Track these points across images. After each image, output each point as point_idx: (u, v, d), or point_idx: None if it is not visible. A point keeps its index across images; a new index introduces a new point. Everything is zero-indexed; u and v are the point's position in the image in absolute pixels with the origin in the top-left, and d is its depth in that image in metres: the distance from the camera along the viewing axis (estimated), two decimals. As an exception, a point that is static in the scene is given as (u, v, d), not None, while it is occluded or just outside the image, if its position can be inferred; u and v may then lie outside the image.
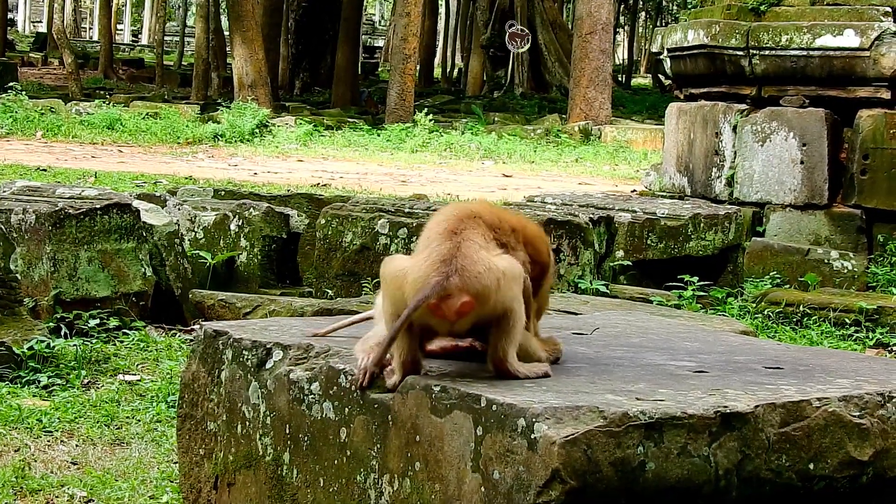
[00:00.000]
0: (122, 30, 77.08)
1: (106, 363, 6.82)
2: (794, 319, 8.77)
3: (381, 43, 66.06)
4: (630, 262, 9.52)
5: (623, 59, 58.29)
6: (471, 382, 3.10)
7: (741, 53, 11.39)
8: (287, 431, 3.46)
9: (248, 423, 3.58)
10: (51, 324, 7.17)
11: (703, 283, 9.09)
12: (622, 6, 53.03)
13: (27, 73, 43.28)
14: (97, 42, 53.78)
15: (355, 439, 3.26)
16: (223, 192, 10.67)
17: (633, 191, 14.36)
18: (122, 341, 7.32)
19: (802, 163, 11.05)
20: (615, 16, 36.17)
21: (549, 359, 3.38)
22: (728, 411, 2.96)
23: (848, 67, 10.93)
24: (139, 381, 6.51)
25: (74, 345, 6.82)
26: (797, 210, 11.10)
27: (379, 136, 25.72)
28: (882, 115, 10.78)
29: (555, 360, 3.41)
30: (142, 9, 78.79)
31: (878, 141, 10.75)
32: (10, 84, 27.29)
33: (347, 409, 3.29)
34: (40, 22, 73.38)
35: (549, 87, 39.66)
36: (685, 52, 12.13)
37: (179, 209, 9.36)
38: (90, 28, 78.26)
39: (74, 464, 5.20)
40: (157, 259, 8.33)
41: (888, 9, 10.93)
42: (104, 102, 27.90)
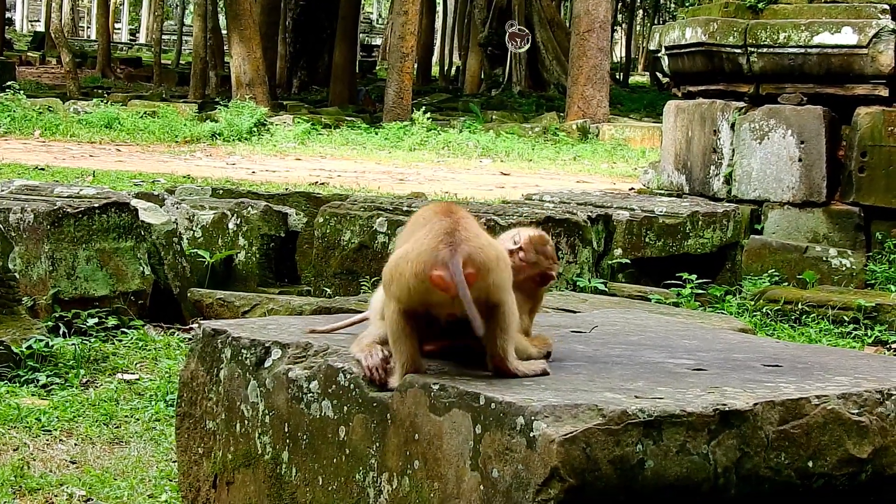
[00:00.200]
0: (119, 29, 77.02)
1: (104, 362, 6.82)
2: (793, 317, 8.77)
3: (378, 41, 66.04)
4: (628, 260, 9.52)
5: (621, 57, 58.23)
6: (469, 381, 3.10)
7: (739, 51, 11.39)
8: (286, 430, 3.46)
9: (246, 422, 3.58)
10: (49, 323, 7.17)
11: (701, 280, 9.09)
12: (620, 4, 53.00)
13: (25, 72, 43.25)
14: (95, 41, 53.72)
15: (354, 438, 3.26)
16: (221, 191, 10.67)
17: (632, 189, 14.36)
18: (120, 340, 7.32)
19: (800, 160, 11.06)
20: (613, 14, 36.16)
21: (541, 353, 3.38)
22: (727, 409, 2.96)
23: (846, 65, 10.93)
24: (138, 379, 6.51)
25: (73, 344, 6.82)
26: (795, 208, 11.10)
27: (377, 134, 25.71)
28: (880, 113, 10.78)
29: (546, 354, 3.41)
30: (139, 8, 78.77)
31: (876, 138, 10.76)
32: (8, 83, 27.24)
33: (346, 408, 3.29)
34: (38, 21, 73.34)
35: (546, 85, 39.65)
36: (683, 50, 12.13)
37: (178, 208, 9.35)
38: (88, 27, 78.20)
39: (73, 463, 5.20)
40: (156, 258, 8.33)
41: (886, 6, 10.93)
42: (102, 101, 27.88)
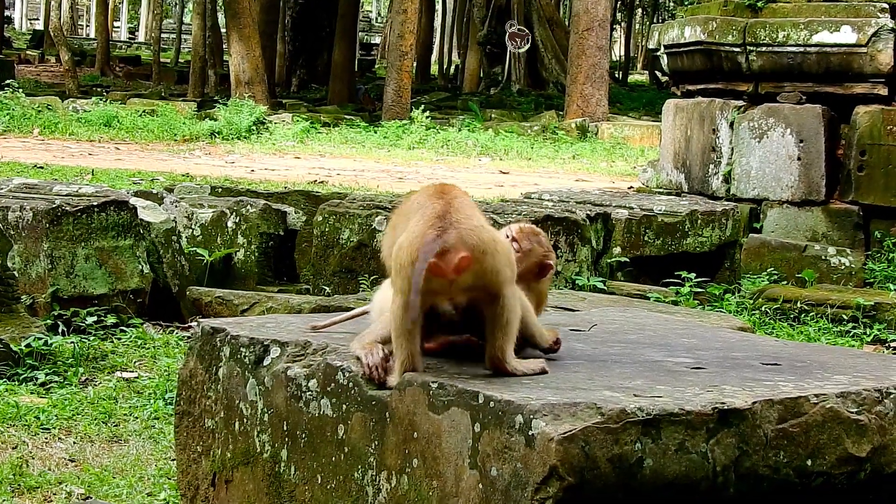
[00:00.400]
0: (118, 27, 77.00)
1: (103, 360, 6.82)
2: (792, 316, 8.78)
3: (377, 40, 66.00)
4: (627, 259, 9.53)
5: (620, 56, 58.22)
6: (468, 379, 3.09)
7: (738, 50, 11.39)
8: (285, 428, 3.46)
9: (245, 420, 3.58)
10: (48, 321, 7.17)
11: (700, 279, 9.09)
12: (619, 3, 52.98)
13: (24, 70, 43.25)
14: (94, 39, 53.68)
15: (353, 436, 3.26)
16: (220, 190, 10.67)
17: (630, 187, 14.36)
18: (119, 338, 7.32)
19: (799, 159, 11.06)
20: (612, 12, 36.15)
21: (552, 340, 3.38)
22: (726, 408, 2.96)
23: (845, 64, 10.93)
24: (137, 378, 6.51)
25: (72, 342, 6.82)
26: (794, 206, 11.10)
27: (376, 132, 25.71)
28: (879, 112, 10.78)
29: (555, 341, 3.40)
30: (138, 6, 78.73)
31: (875, 137, 10.76)
32: (7, 81, 27.23)
33: (345, 406, 3.28)
34: (37, 19, 73.30)
35: (545, 83, 39.63)
36: (682, 49, 12.13)
37: (176, 206, 9.35)
38: (87, 25, 78.17)
39: (72, 461, 5.20)
40: (155, 256, 8.33)
41: (885, 5, 10.93)
42: (101, 100, 27.87)
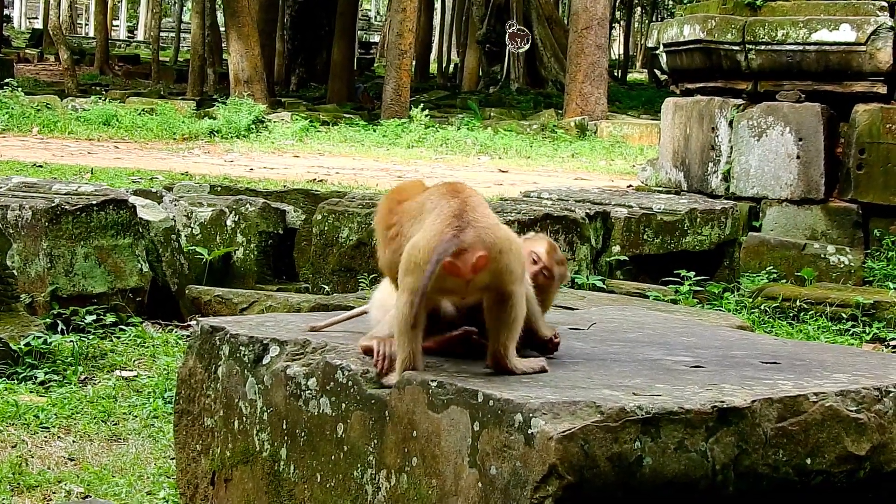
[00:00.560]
0: (117, 26, 76.98)
1: (103, 359, 6.82)
2: (791, 314, 8.77)
3: (376, 38, 65.98)
4: (626, 258, 9.52)
5: (619, 55, 58.21)
6: (468, 378, 3.09)
7: (737, 48, 11.39)
8: (284, 427, 3.46)
9: (244, 419, 3.57)
10: (47, 320, 7.17)
11: (699, 277, 9.09)
12: (618, 1, 52.97)
13: (23, 69, 43.23)
14: (93, 38, 53.67)
15: (352, 435, 3.26)
16: (219, 188, 10.67)
17: (630, 186, 14.36)
18: (118, 337, 7.32)
19: (798, 157, 11.05)
20: (611, 11, 36.12)
21: (553, 334, 3.38)
22: (725, 406, 2.96)
23: (844, 62, 10.93)
24: (136, 377, 6.51)
25: (71, 341, 6.82)
26: (793, 205, 11.10)
27: (375, 131, 25.70)
28: (878, 110, 10.77)
29: (550, 340, 3.40)
30: (137, 5, 78.72)
31: (875, 135, 10.75)
32: (7, 80, 27.23)
33: (344, 405, 3.28)
34: (36, 18, 73.28)
35: (545, 82, 39.62)
36: (681, 47, 12.13)
37: (176, 205, 9.35)
38: (86, 24, 78.15)
39: (71, 460, 5.20)
40: (154, 255, 8.33)
41: (884, 3, 10.93)
42: (100, 98, 27.86)
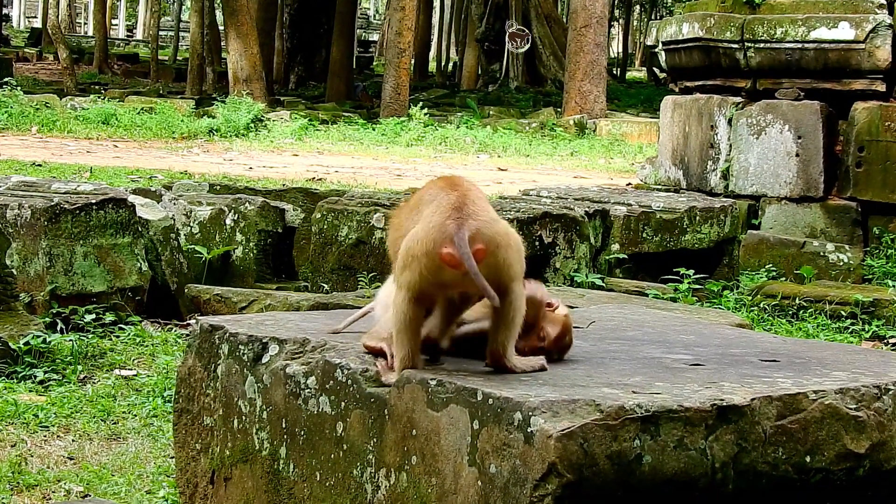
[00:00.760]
0: (116, 25, 76.96)
1: (102, 358, 6.82)
2: (790, 312, 8.77)
3: (375, 37, 65.99)
4: (626, 256, 9.52)
5: (618, 53, 58.19)
6: (467, 376, 3.09)
7: (736, 46, 11.39)
8: (283, 426, 3.46)
9: (244, 418, 3.57)
10: (47, 319, 7.16)
11: (698, 276, 9.09)
12: (617, -1, 53.00)
13: (22, 68, 43.24)
14: (92, 37, 53.68)
15: (352, 433, 3.26)
16: (218, 187, 10.67)
17: (629, 184, 14.36)
18: (118, 336, 7.31)
19: (798, 155, 11.06)
20: (610, 9, 36.11)
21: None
22: (724, 404, 2.96)
23: (843, 60, 10.93)
24: (135, 375, 6.51)
25: (70, 340, 6.81)
26: (793, 203, 11.10)
27: (374, 130, 25.70)
28: (877, 108, 10.78)
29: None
30: (136, 4, 78.71)
31: (874, 133, 10.76)
32: (6, 79, 27.22)
33: (344, 404, 3.28)
34: (35, 17, 73.23)
35: (544, 80, 39.63)
36: (680, 45, 12.13)
37: (175, 204, 9.34)
38: (85, 23, 78.11)
39: (71, 459, 5.20)
40: (153, 254, 8.33)
41: (883, 1, 10.93)
42: (99, 97, 27.85)
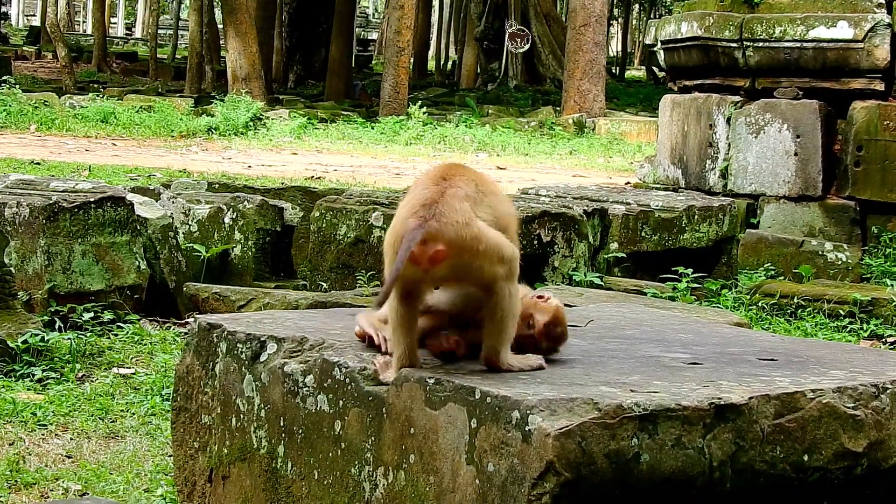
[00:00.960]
0: (115, 23, 76.93)
1: (100, 356, 6.81)
2: (789, 311, 8.77)
3: (374, 36, 65.97)
4: (624, 254, 9.52)
5: (617, 52, 58.21)
6: (465, 375, 3.09)
7: (735, 45, 11.39)
8: (281, 424, 3.46)
9: (242, 416, 3.57)
10: (45, 317, 7.16)
11: (697, 274, 9.08)
12: (616, -2, 52.98)
13: (21, 66, 43.22)
14: (91, 35, 53.69)
15: (350, 432, 3.26)
16: (217, 185, 10.66)
17: (628, 183, 14.36)
18: (116, 335, 7.31)
19: (796, 154, 11.06)
20: (609, 8, 36.11)
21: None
22: (722, 403, 2.96)
23: (842, 59, 10.93)
24: (133, 374, 6.51)
25: (69, 338, 6.81)
26: (791, 202, 11.11)
27: (373, 128, 25.70)
28: (876, 107, 10.78)
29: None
30: (135, 2, 78.71)
31: (872, 132, 10.76)
32: (4, 78, 27.22)
33: (342, 402, 3.28)
34: (34, 15, 73.22)
35: (543, 79, 39.62)
36: (679, 44, 12.13)
37: (173, 202, 9.34)
38: (84, 21, 78.08)
39: (69, 457, 5.19)
40: (152, 252, 8.33)
41: (881, 0, 10.93)
42: (98, 96, 27.83)
